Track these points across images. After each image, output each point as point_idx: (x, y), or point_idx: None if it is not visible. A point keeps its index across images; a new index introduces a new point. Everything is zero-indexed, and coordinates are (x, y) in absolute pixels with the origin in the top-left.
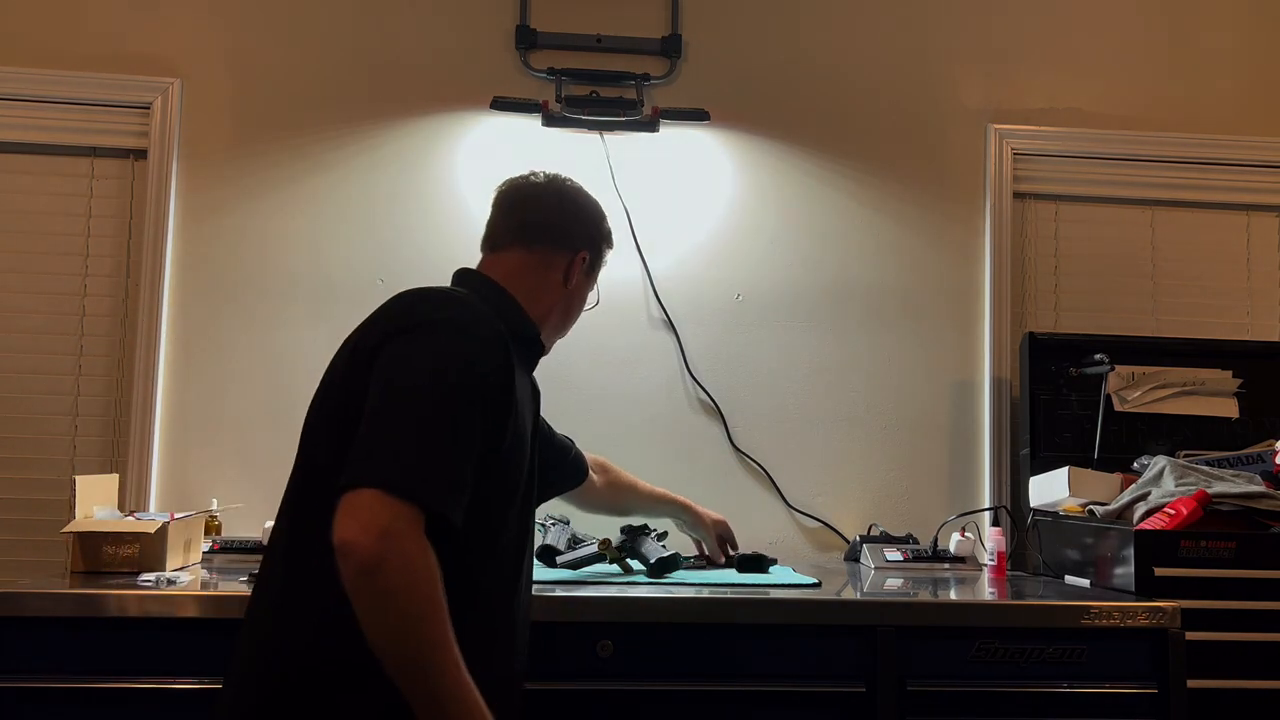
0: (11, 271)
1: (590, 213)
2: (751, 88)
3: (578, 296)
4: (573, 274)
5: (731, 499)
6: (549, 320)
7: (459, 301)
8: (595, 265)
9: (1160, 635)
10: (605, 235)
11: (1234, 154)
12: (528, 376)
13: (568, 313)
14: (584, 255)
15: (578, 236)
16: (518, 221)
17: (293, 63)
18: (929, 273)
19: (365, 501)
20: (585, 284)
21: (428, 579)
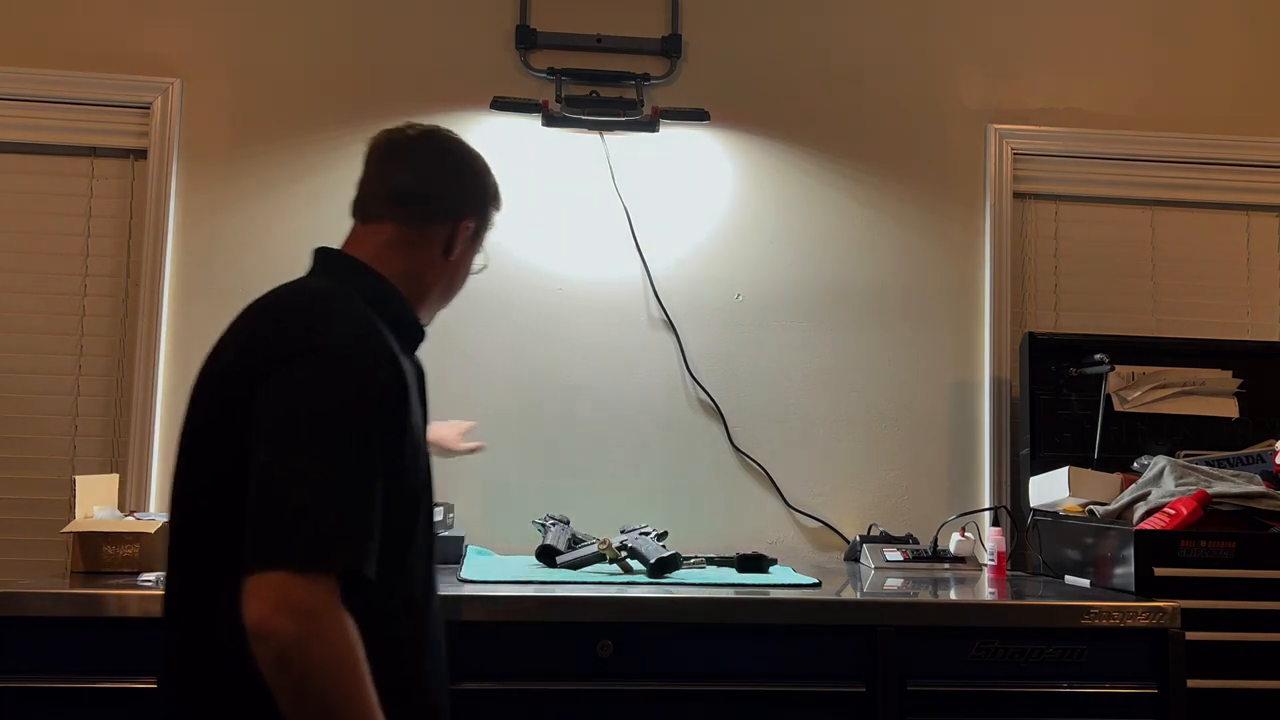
0: (11, 271)
1: (474, 173)
2: (751, 88)
3: (461, 267)
4: (455, 245)
5: (731, 499)
6: (428, 298)
7: (336, 312)
8: (481, 231)
9: (1160, 635)
10: (492, 196)
11: (1234, 154)
12: (411, 362)
13: (450, 286)
14: (468, 223)
15: (460, 202)
16: (391, 189)
17: (293, 63)
18: (929, 273)
19: (275, 582)
20: (470, 251)
21: (350, 655)
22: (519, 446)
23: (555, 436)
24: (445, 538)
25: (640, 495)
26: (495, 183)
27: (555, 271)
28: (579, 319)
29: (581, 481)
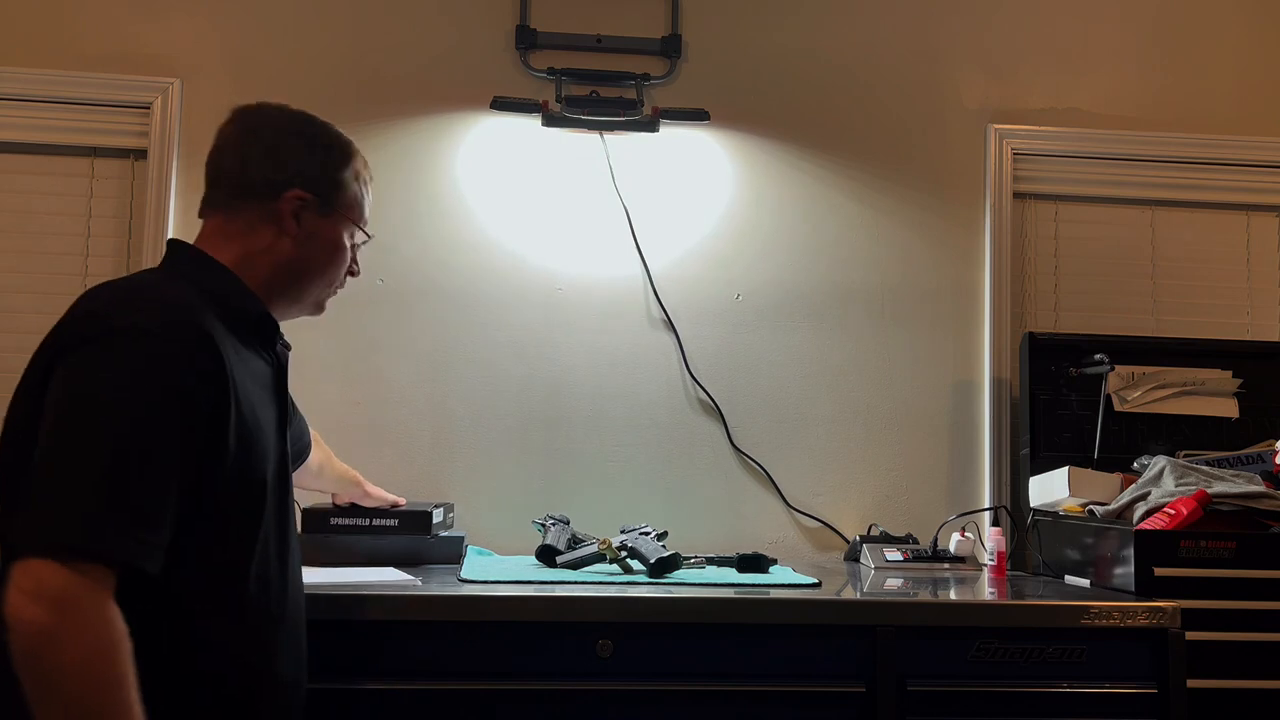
0: (11, 271)
1: (295, 141)
2: (751, 88)
3: (316, 245)
4: (286, 223)
5: (731, 499)
6: (280, 285)
7: (148, 299)
8: (329, 200)
9: (1160, 635)
10: (331, 159)
11: (1234, 154)
12: (263, 357)
13: (304, 268)
14: (295, 195)
15: (281, 177)
16: (211, 177)
17: (292, 63)
18: (929, 273)
19: (34, 569)
20: (323, 227)
21: (106, 654)
22: (519, 446)
23: (555, 436)
24: (445, 538)
25: (640, 495)
26: (333, 145)
27: (555, 271)
28: (579, 319)
29: (581, 481)
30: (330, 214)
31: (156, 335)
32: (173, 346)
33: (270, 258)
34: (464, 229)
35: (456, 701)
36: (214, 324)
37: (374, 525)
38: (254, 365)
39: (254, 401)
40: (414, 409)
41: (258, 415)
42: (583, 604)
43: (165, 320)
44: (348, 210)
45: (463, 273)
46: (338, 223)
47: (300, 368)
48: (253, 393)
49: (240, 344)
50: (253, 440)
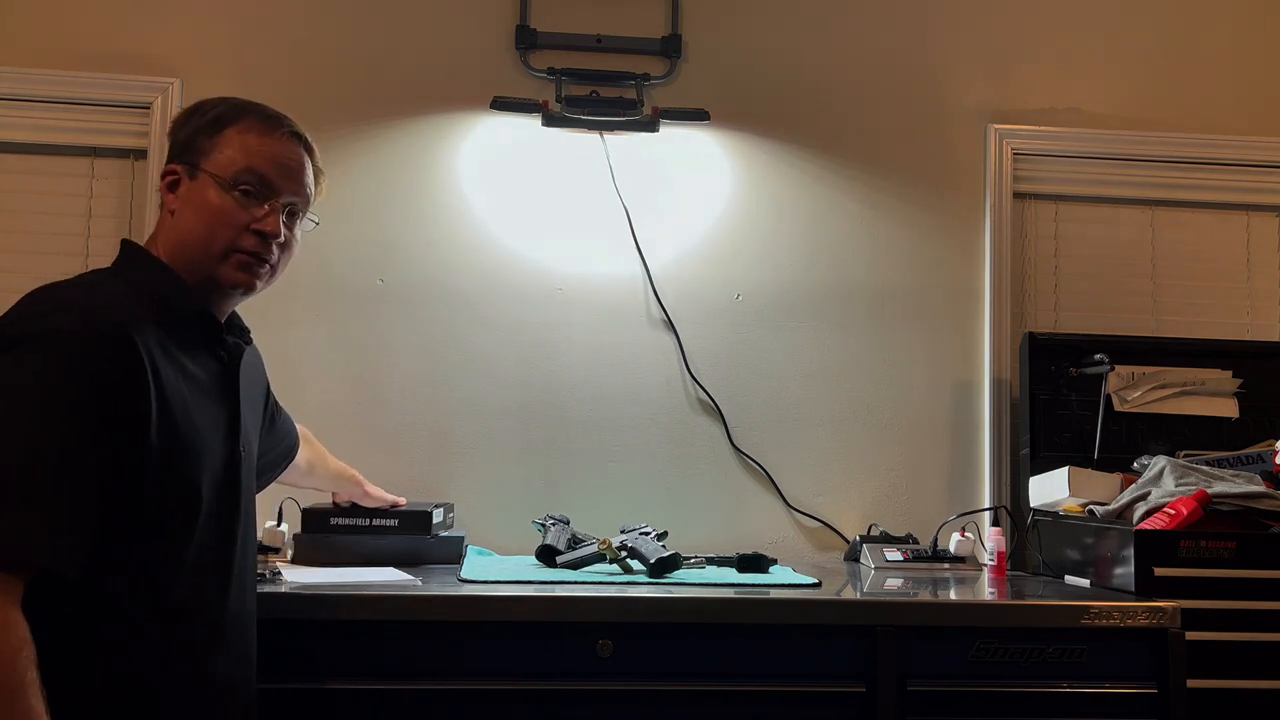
0: (11, 271)
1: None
2: (751, 88)
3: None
4: (165, 198)
5: (731, 499)
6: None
7: (74, 302)
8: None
9: (1160, 635)
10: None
11: (1234, 154)
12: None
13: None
14: (170, 170)
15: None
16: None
17: (293, 63)
18: (929, 273)
19: None
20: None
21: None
22: (519, 446)
23: (555, 436)
24: (445, 538)
25: (640, 495)
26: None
27: (555, 271)
28: (579, 319)
29: (581, 481)
30: (196, 176)
31: (72, 338)
32: (87, 348)
33: (164, 238)
34: (464, 229)
35: (456, 701)
36: (146, 326)
37: (374, 525)
38: (193, 366)
39: (188, 403)
40: (414, 409)
41: (192, 418)
42: (583, 604)
43: (84, 322)
44: (215, 166)
45: (463, 273)
46: (204, 183)
47: (300, 367)
48: (187, 395)
49: (179, 345)
50: (184, 443)
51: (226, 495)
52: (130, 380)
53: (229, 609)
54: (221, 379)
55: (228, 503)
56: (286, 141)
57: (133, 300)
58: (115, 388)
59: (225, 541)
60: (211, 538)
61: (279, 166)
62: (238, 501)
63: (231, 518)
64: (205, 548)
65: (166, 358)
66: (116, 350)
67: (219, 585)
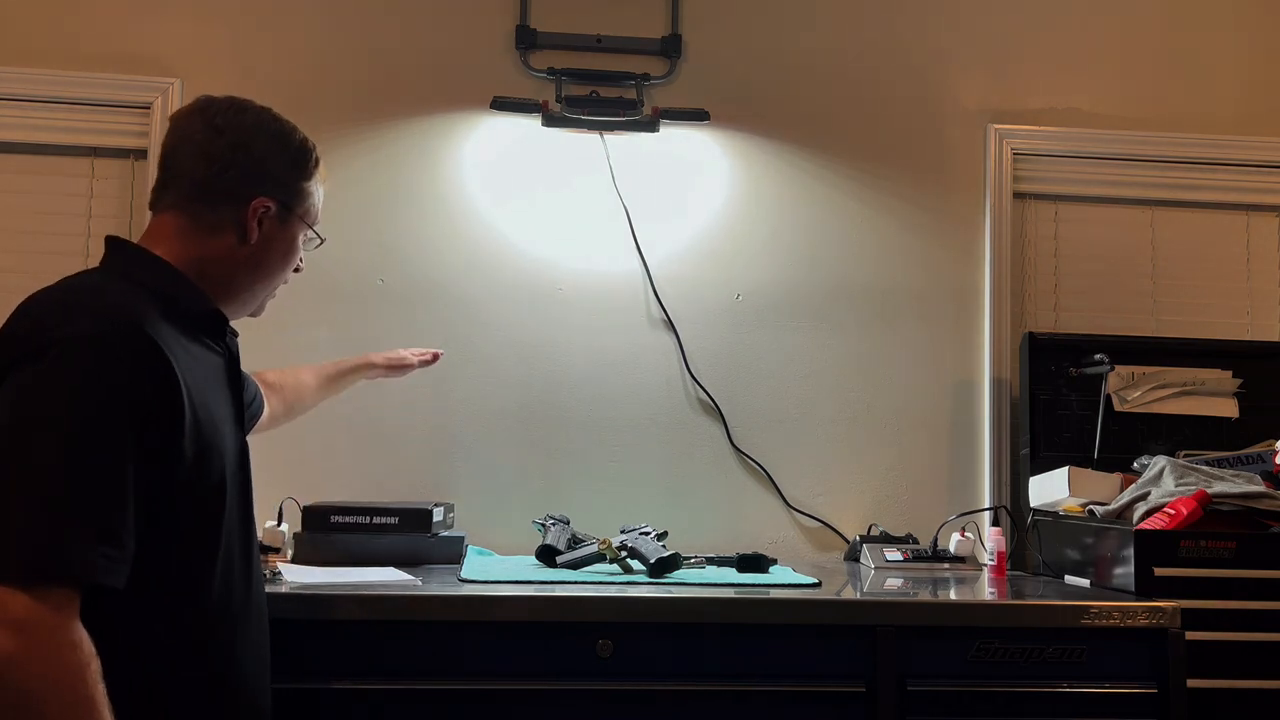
0: (11, 271)
1: (265, 146)
2: (751, 88)
3: (274, 251)
4: (250, 230)
5: (731, 499)
6: (233, 288)
7: (89, 304)
8: (291, 207)
9: (1160, 635)
10: (299, 167)
11: (1234, 154)
12: (214, 350)
13: (261, 273)
14: (261, 204)
15: (248, 182)
16: (168, 176)
17: (292, 63)
18: (929, 273)
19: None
20: (281, 233)
21: (74, 677)
22: (519, 446)
23: (555, 437)
24: (445, 537)
25: (640, 495)
26: (301, 151)
27: (555, 271)
28: (579, 319)
29: (581, 482)
30: (289, 220)
31: (99, 343)
32: (117, 353)
33: (229, 260)
34: (464, 229)
35: (456, 701)
36: (159, 325)
37: (374, 524)
38: (205, 361)
39: (207, 400)
40: (414, 409)
41: (212, 413)
42: (583, 604)
43: (108, 326)
44: (305, 215)
45: (463, 273)
46: (294, 227)
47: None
48: (205, 391)
49: (189, 341)
50: (209, 441)
51: (241, 486)
52: (160, 382)
53: (251, 604)
54: (226, 370)
55: (243, 493)
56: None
57: (139, 297)
58: (146, 391)
59: (245, 537)
60: (235, 534)
61: None
62: (249, 492)
63: (247, 508)
64: (231, 545)
65: (186, 355)
66: (145, 355)
67: (243, 583)
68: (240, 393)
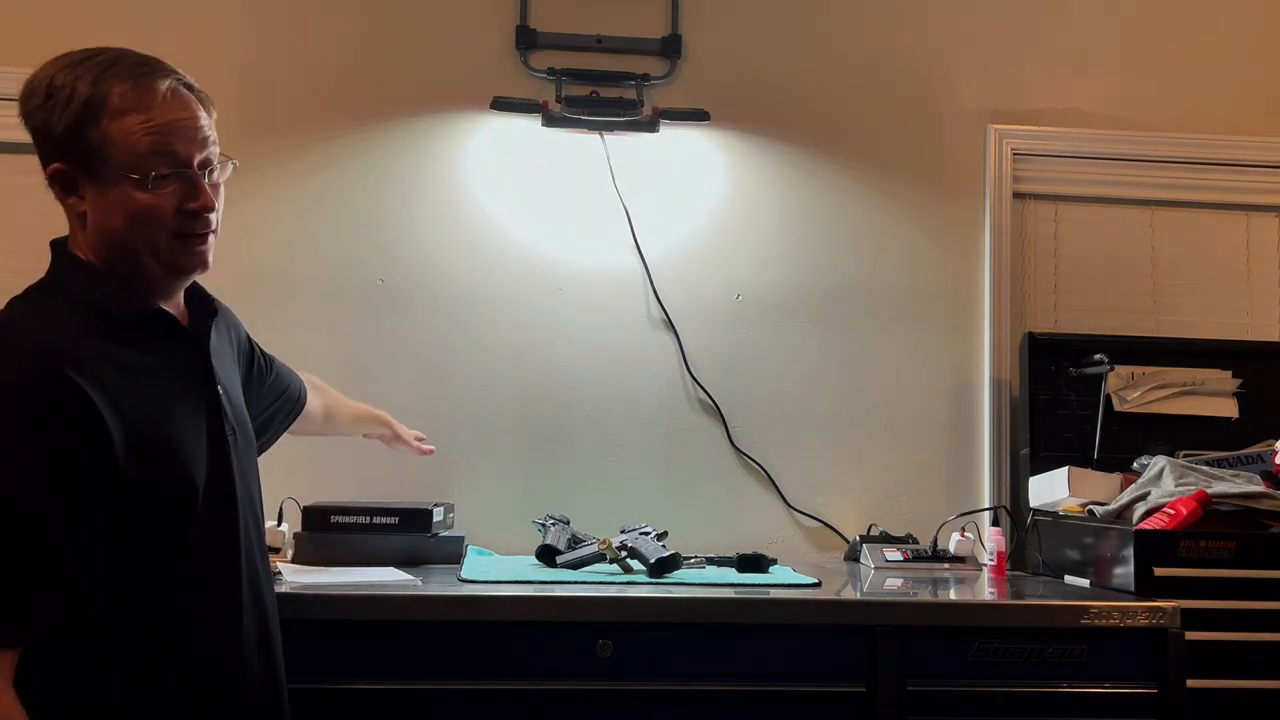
0: (11, 272)
1: (33, 105)
2: (751, 88)
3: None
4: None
5: (731, 499)
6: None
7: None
8: (90, 166)
9: (1160, 635)
10: (77, 117)
11: (1234, 154)
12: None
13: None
14: (54, 169)
15: (41, 151)
16: None
17: (293, 64)
18: (929, 273)
19: None
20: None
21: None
22: (519, 446)
23: (555, 437)
24: (445, 537)
25: (640, 495)
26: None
27: (555, 271)
28: (579, 319)
29: (581, 481)
30: (102, 177)
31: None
32: (21, 402)
33: (88, 242)
34: (464, 229)
35: (456, 701)
36: (86, 345)
37: (374, 524)
38: (148, 370)
39: (156, 411)
40: (414, 409)
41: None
42: (583, 604)
43: (17, 376)
44: (120, 165)
45: (463, 273)
46: (116, 183)
47: (300, 367)
48: (150, 404)
49: (135, 349)
50: (155, 457)
51: (219, 489)
52: (77, 418)
53: (242, 600)
54: (189, 367)
55: (222, 495)
56: (172, 100)
57: (69, 318)
58: (62, 432)
59: (227, 538)
60: (209, 537)
61: (179, 133)
62: (233, 491)
63: (229, 509)
64: (204, 549)
65: (121, 372)
66: (54, 393)
67: (227, 582)
68: (213, 386)
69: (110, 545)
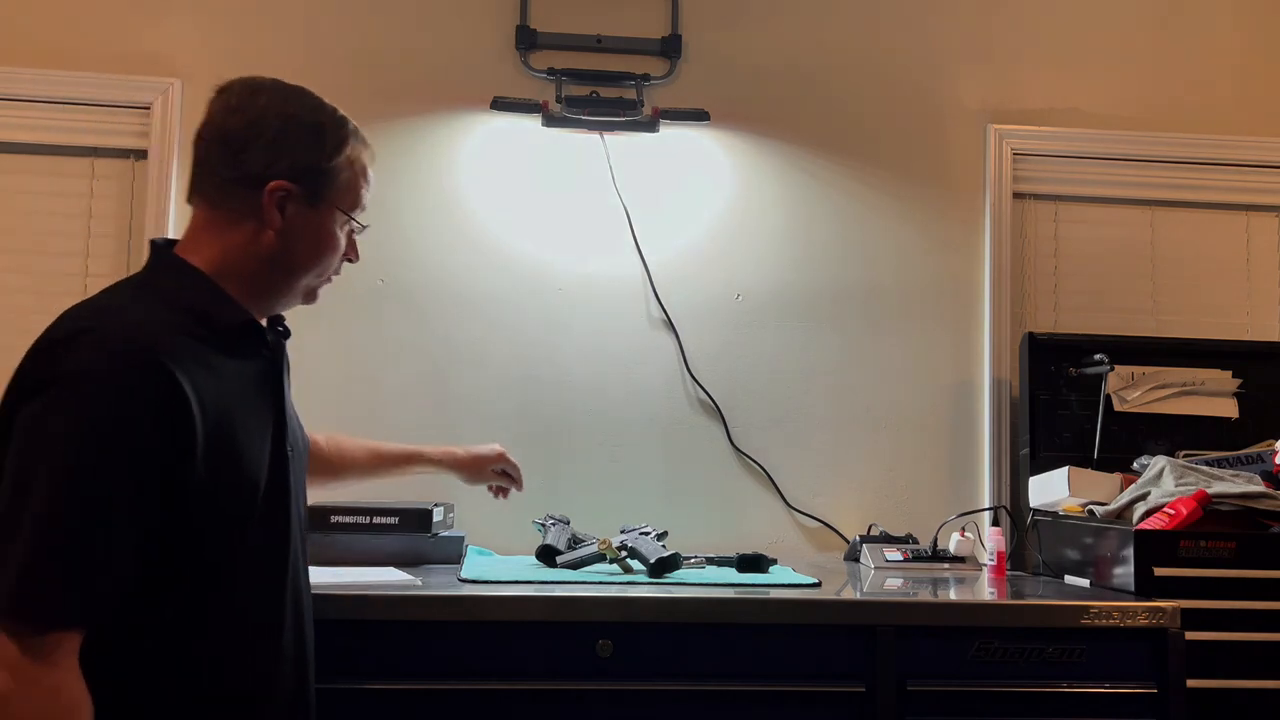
0: (12, 271)
1: (278, 123)
2: (751, 88)
3: (302, 240)
4: (270, 215)
5: (731, 499)
6: (263, 283)
7: (102, 332)
8: (318, 190)
9: (1160, 635)
10: (321, 145)
11: (1234, 154)
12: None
13: (290, 264)
14: (279, 186)
15: (263, 164)
16: (195, 165)
17: (293, 63)
18: (929, 273)
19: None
20: (311, 219)
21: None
22: (519, 446)
23: (555, 437)
24: (445, 537)
25: (640, 495)
26: (324, 128)
27: (555, 271)
28: (579, 319)
29: (581, 481)
30: (319, 204)
31: (99, 379)
32: (120, 390)
33: (253, 252)
34: (464, 229)
35: (456, 701)
36: (180, 344)
37: (374, 524)
38: (234, 374)
39: (234, 415)
40: (414, 409)
41: (234, 433)
42: (583, 604)
43: (114, 361)
44: (338, 198)
45: (463, 272)
46: (327, 214)
47: (301, 367)
48: (232, 407)
49: (217, 355)
50: (229, 461)
51: (276, 500)
52: (168, 416)
53: (285, 612)
54: (265, 377)
55: (277, 507)
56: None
57: (166, 316)
58: (152, 426)
59: (278, 549)
60: (261, 545)
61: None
62: (288, 504)
63: (283, 522)
64: (264, 550)
65: (208, 371)
66: (152, 386)
67: (274, 590)
68: (281, 399)
69: (169, 541)
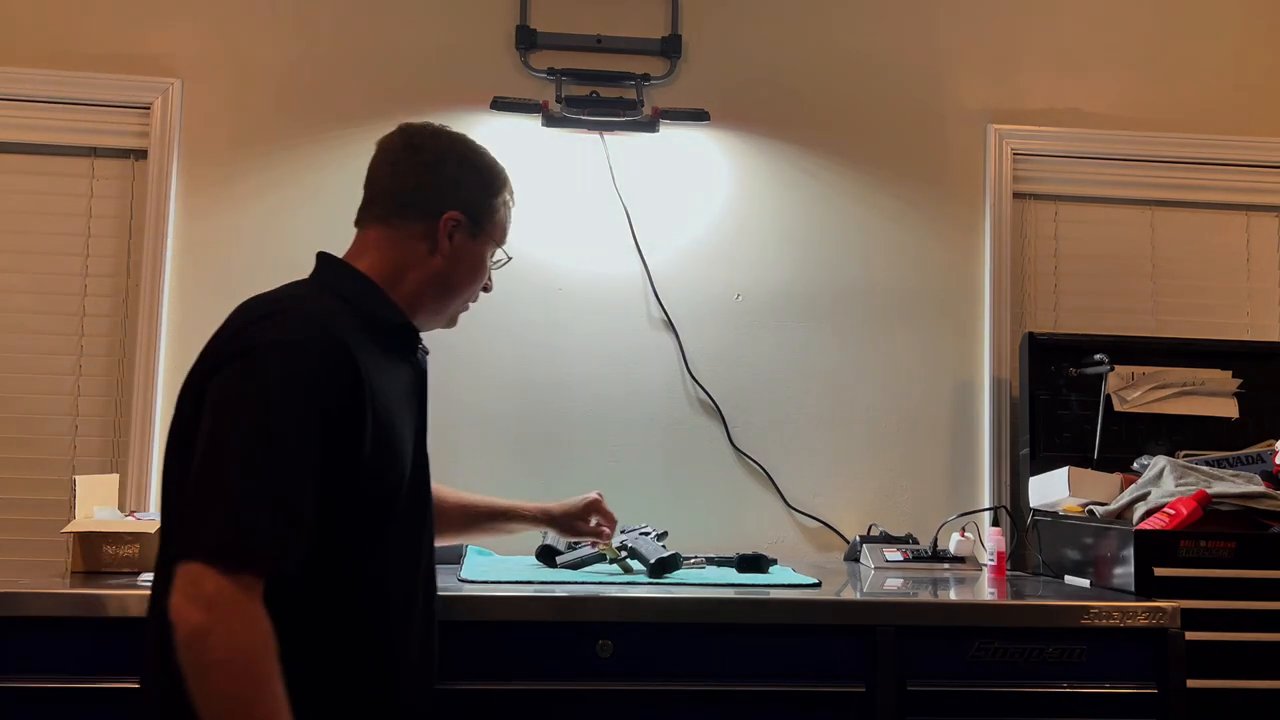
0: (11, 271)
1: (458, 165)
2: (751, 88)
3: (463, 265)
4: (440, 241)
5: (731, 499)
6: (423, 299)
7: (290, 313)
8: (480, 223)
9: (1160, 635)
10: (487, 186)
11: (1234, 154)
12: (405, 363)
13: (450, 285)
14: (452, 216)
15: (441, 197)
16: (372, 194)
17: (293, 63)
18: (929, 273)
19: (191, 574)
20: (471, 248)
21: (254, 652)
22: (519, 446)
23: (555, 437)
24: None
25: (640, 495)
26: (491, 171)
27: (555, 271)
28: (579, 319)
29: (581, 482)
30: (479, 236)
31: (295, 348)
32: (311, 358)
33: (421, 272)
34: None
35: (457, 701)
36: (354, 334)
37: None
38: (393, 373)
39: (391, 409)
40: None
41: (393, 422)
42: (583, 604)
43: (304, 334)
44: (494, 232)
45: None
46: (484, 244)
47: None
48: (391, 401)
49: (381, 352)
50: (390, 442)
51: (416, 502)
52: (348, 389)
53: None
54: (414, 386)
55: (417, 509)
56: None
57: (341, 309)
58: (334, 395)
59: (415, 545)
60: (404, 533)
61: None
62: (427, 498)
63: (422, 519)
64: (400, 543)
65: (375, 366)
66: (336, 360)
67: (408, 578)
68: (424, 408)
69: (334, 508)
